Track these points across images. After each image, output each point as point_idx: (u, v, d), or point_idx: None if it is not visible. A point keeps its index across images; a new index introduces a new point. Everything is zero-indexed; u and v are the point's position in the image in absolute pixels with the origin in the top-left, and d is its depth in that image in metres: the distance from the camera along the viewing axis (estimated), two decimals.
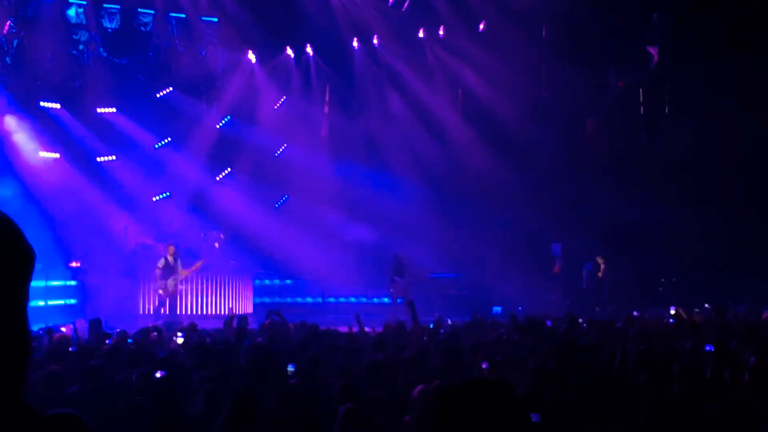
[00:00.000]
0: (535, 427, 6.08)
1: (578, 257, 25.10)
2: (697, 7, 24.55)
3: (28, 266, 1.74)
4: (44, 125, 22.85)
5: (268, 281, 25.39)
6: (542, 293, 23.08)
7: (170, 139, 25.16)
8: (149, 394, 7.24)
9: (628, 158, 26.80)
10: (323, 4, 25.62)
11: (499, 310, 22.02)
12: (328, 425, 6.00)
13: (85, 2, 23.62)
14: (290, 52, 26.55)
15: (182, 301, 20.96)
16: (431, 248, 24.62)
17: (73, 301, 21.02)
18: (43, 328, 12.32)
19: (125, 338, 11.82)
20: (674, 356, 8.99)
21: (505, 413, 2.32)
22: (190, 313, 21.03)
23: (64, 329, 13.20)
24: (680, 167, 24.93)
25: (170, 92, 24.98)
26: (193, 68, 24.96)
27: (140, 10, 24.52)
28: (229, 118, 26.17)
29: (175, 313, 19.55)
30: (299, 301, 25.34)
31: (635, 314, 16.67)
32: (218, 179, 26.14)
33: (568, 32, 25.22)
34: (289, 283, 25.84)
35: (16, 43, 22.53)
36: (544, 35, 26.75)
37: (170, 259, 19.80)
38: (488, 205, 25.24)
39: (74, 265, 21.39)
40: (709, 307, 17.55)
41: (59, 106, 23.23)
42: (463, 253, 25.30)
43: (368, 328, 13.41)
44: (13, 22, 22.33)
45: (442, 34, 27.08)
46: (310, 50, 26.72)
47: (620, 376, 8.17)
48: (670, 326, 13.91)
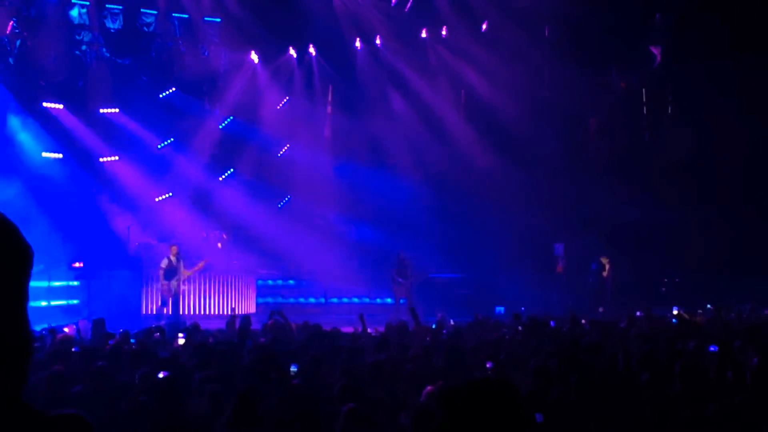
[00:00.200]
0: (537, 426, 6.08)
1: (581, 257, 25.08)
2: (699, 7, 24.53)
3: (26, 265, 1.73)
4: (47, 125, 22.88)
5: (270, 281, 25.38)
6: (545, 293, 23.07)
7: (173, 139, 25.18)
8: (152, 394, 7.24)
9: (630, 158, 26.78)
10: (326, 4, 25.60)
11: (501, 310, 22.00)
12: (330, 425, 6.01)
13: (87, 2, 23.61)
14: (293, 52, 26.55)
15: (185, 301, 20.98)
16: (434, 248, 24.62)
17: (75, 301, 21.03)
18: (45, 328, 12.32)
19: (128, 339, 11.83)
20: (677, 356, 8.99)
21: (509, 413, 2.32)
22: (192, 313, 21.04)
23: (66, 329, 13.20)
24: (683, 167, 24.92)
25: (173, 92, 25.00)
26: (195, 68, 24.97)
27: (143, 10, 24.52)
28: (231, 118, 26.17)
29: (177, 313, 19.56)
30: (302, 301, 25.31)
31: (638, 314, 16.65)
32: (221, 179, 26.15)
33: (570, 32, 25.19)
34: (291, 283, 25.82)
35: (19, 43, 22.54)
36: (546, 35, 26.75)
37: (173, 259, 19.81)
38: (490, 205, 25.22)
39: (77, 265, 21.39)
40: (711, 307, 17.56)
41: (62, 106, 23.27)
42: (465, 253, 25.30)
43: (371, 329, 13.40)
44: (15, 22, 22.34)
45: (444, 34, 27.08)
46: (312, 50, 26.72)
47: (623, 376, 8.16)
48: (673, 326, 13.91)
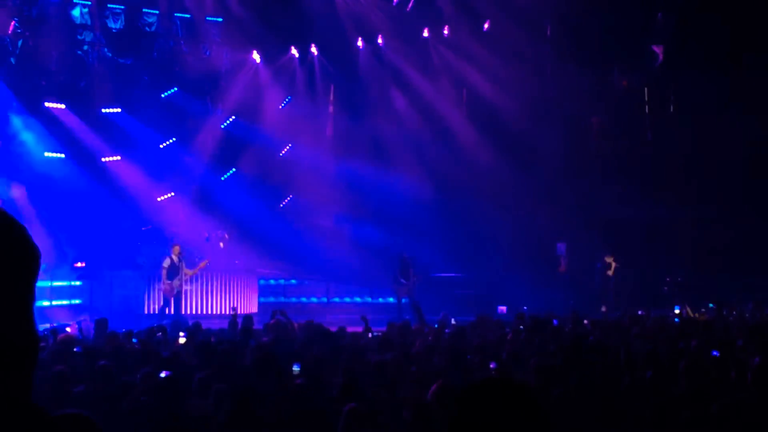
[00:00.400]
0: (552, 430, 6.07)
1: (583, 256, 25.07)
2: (700, 6, 24.52)
3: (33, 265, 1.73)
4: (49, 126, 22.88)
5: (273, 281, 25.40)
6: (547, 292, 23.05)
7: (175, 139, 25.19)
8: (153, 394, 7.25)
9: (632, 157, 26.76)
10: (328, 4, 25.59)
11: (504, 309, 22.00)
12: (332, 425, 6.00)
13: (89, 2, 23.61)
14: (295, 52, 26.54)
15: (187, 300, 21.00)
16: (436, 247, 24.63)
17: (78, 301, 21.05)
18: (48, 328, 12.33)
19: (130, 338, 11.84)
20: (679, 355, 8.98)
21: (525, 414, 2.30)
22: (194, 312, 21.07)
23: (69, 329, 13.22)
24: (684, 166, 24.92)
25: (175, 92, 25.00)
26: (197, 68, 24.96)
27: (145, 10, 24.52)
28: (233, 118, 26.17)
29: (180, 312, 19.57)
30: (304, 300, 25.34)
31: (640, 313, 16.66)
32: (223, 179, 26.16)
33: (572, 31, 25.18)
34: (294, 282, 25.84)
35: (20, 43, 22.53)
36: (548, 34, 26.73)
37: (175, 258, 19.82)
38: (493, 204, 25.21)
39: (79, 265, 21.41)
40: (713, 306, 17.56)
41: (64, 106, 23.26)
42: (468, 252, 25.31)
43: (371, 332, 13.38)
44: (17, 22, 22.33)
45: (446, 33, 27.06)
46: (314, 50, 26.72)
47: (625, 375, 8.16)
48: (675, 325, 13.91)
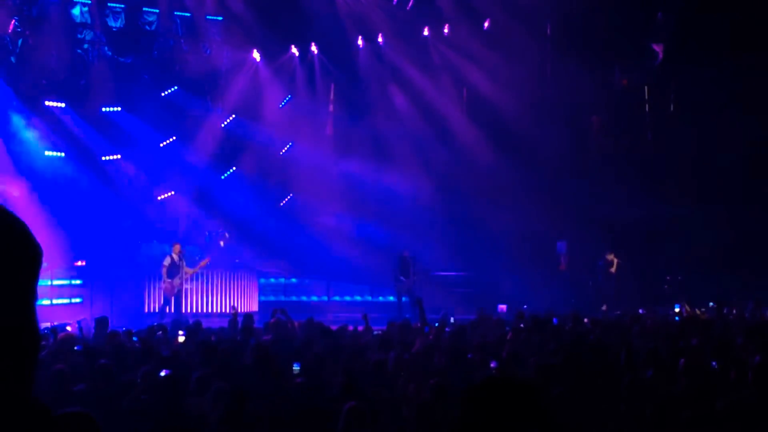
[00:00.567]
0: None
1: (583, 255, 25.07)
2: (701, 4, 24.49)
3: (35, 263, 1.74)
4: (49, 124, 22.87)
5: (273, 279, 25.40)
6: (547, 291, 23.04)
7: (175, 137, 25.18)
8: (154, 392, 7.25)
9: (632, 156, 26.74)
10: (328, 2, 25.57)
11: (504, 308, 22.00)
12: (332, 424, 6.00)
13: (89, 1, 23.61)
14: (295, 50, 26.53)
15: (187, 299, 21.00)
16: (437, 246, 24.61)
17: (78, 300, 21.04)
18: (48, 327, 12.33)
19: (130, 337, 11.84)
20: (679, 354, 8.98)
21: (528, 412, 2.31)
22: (195, 311, 21.07)
23: (69, 328, 13.22)
24: (685, 165, 24.90)
25: (175, 91, 25.00)
26: (197, 67, 24.95)
27: (145, 9, 24.53)
28: (233, 116, 26.17)
29: (180, 311, 19.58)
30: (304, 299, 25.33)
31: (641, 312, 16.66)
32: (223, 178, 26.16)
33: (572, 30, 25.13)
34: (294, 281, 25.84)
35: (20, 42, 22.53)
36: (548, 33, 26.71)
37: (175, 257, 19.83)
38: (493, 202, 25.19)
39: (79, 264, 21.40)
40: (713, 305, 17.55)
41: (64, 105, 23.27)
42: (468, 250, 25.29)
43: (371, 331, 13.39)
44: (17, 21, 22.34)
45: (446, 32, 27.04)
46: (314, 49, 26.71)
47: (626, 373, 8.15)
48: (675, 324, 13.91)
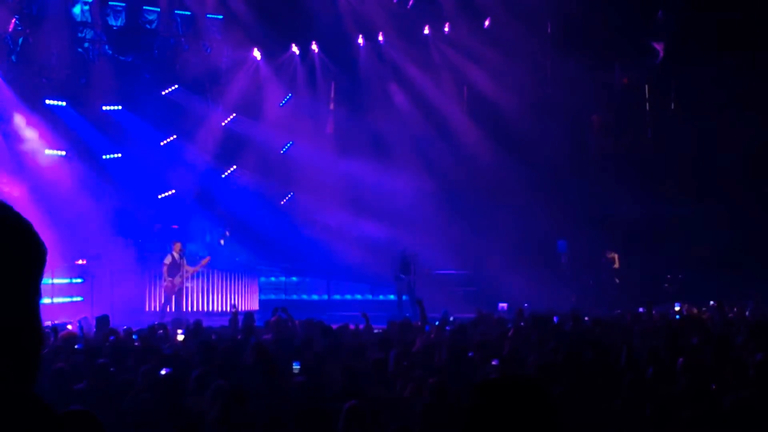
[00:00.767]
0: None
1: (584, 254, 25.07)
2: (701, 4, 24.48)
3: (40, 262, 1.75)
4: (50, 123, 22.87)
5: (273, 278, 25.40)
6: (548, 290, 23.03)
7: (176, 136, 25.18)
8: (155, 391, 7.25)
9: (633, 155, 26.74)
10: (329, 1, 25.58)
11: (504, 306, 21.99)
12: (332, 423, 6.00)
13: (90, 0, 23.63)
14: (295, 49, 26.53)
15: (188, 298, 21.00)
16: (437, 245, 24.58)
17: (79, 298, 21.04)
18: (49, 325, 12.32)
19: (131, 336, 11.85)
20: (680, 353, 8.98)
21: (537, 411, 2.31)
22: (195, 310, 21.07)
23: (70, 326, 13.22)
24: (686, 163, 24.90)
25: (176, 90, 24.99)
26: (198, 66, 24.97)
27: (145, 7, 24.55)
28: (234, 115, 26.16)
29: (180, 310, 19.57)
30: (305, 298, 25.33)
31: (641, 311, 16.64)
32: (224, 176, 26.15)
33: (572, 28, 25.13)
34: (294, 280, 25.84)
35: (21, 41, 22.54)
36: (549, 31, 26.71)
37: (176, 256, 19.83)
38: (494, 201, 25.20)
39: (80, 262, 21.40)
40: (714, 304, 17.53)
41: (65, 103, 23.26)
42: (469, 249, 25.29)
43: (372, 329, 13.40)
44: (18, 19, 22.34)
45: (447, 30, 27.05)
46: (315, 47, 26.70)
47: (626, 372, 8.16)
48: (676, 322, 13.91)
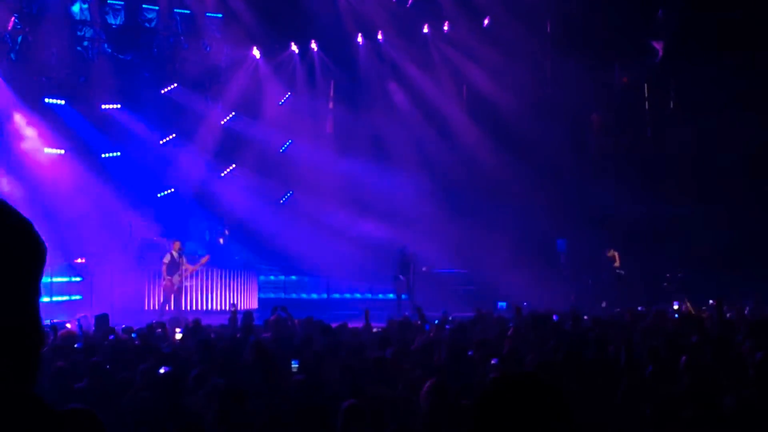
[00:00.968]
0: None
1: (583, 252, 25.06)
2: (701, 3, 24.48)
3: (40, 260, 1.75)
4: (49, 121, 22.85)
5: (273, 277, 25.40)
6: (547, 289, 23.02)
7: (175, 135, 25.17)
8: (154, 390, 7.24)
9: (632, 154, 26.74)
10: (328, 0, 25.58)
11: (504, 305, 21.99)
12: (331, 422, 5.99)
13: None
14: (295, 48, 26.53)
15: (187, 296, 20.99)
16: (436, 244, 24.59)
17: (78, 297, 21.02)
18: (48, 324, 12.31)
19: (130, 334, 11.84)
20: (679, 352, 8.98)
21: (552, 411, 2.27)
22: (194, 308, 21.06)
23: (69, 325, 13.22)
24: (685, 163, 24.89)
25: (175, 88, 24.98)
26: (197, 64, 24.98)
27: (145, 6, 24.55)
28: (233, 114, 26.16)
29: (180, 308, 19.56)
30: (304, 297, 25.34)
31: (640, 309, 16.64)
32: (223, 175, 26.15)
33: (572, 27, 25.14)
34: (294, 279, 25.84)
35: (20, 39, 22.51)
36: (548, 31, 26.70)
37: (175, 255, 19.82)
38: (493, 200, 25.20)
39: (79, 261, 21.39)
40: (713, 303, 17.52)
41: (64, 102, 23.25)
42: (468, 248, 25.27)
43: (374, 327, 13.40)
44: (17, 18, 22.32)
45: (446, 29, 27.05)
46: (314, 46, 26.70)
47: (626, 371, 8.15)
48: (674, 321, 13.91)
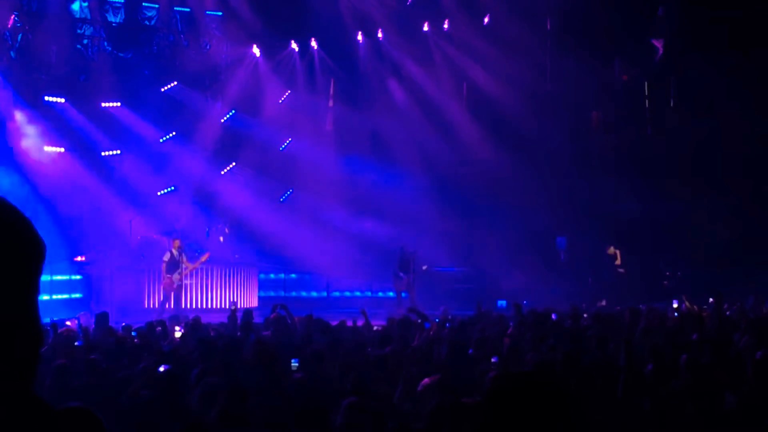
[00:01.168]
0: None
1: (583, 250, 25.06)
2: (702, 0, 24.47)
3: (38, 258, 1.75)
4: (49, 120, 22.85)
5: (273, 275, 25.40)
6: (547, 287, 23.03)
7: (175, 133, 25.17)
8: (153, 388, 7.25)
9: (632, 151, 26.71)
10: None
11: (503, 303, 22.00)
12: (332, 419, 5.99)
13: None
14: (295, 46, 26.52)
15: (187, 294, 20.99)
16: (436, 242, 24.59)
17: (78, 295, 21.04)
18: (47, 322, 12.31)
19: (129, 332, 11.85)
20: (680, 349, 8.98)
21: (558, 411, 2.26)
22: (194, 306, 21.06)
23: (68, 323, 13.22)
24: (685, 160, 24.87)
25: (175, 86, 24.97)
26: (197, 62, 24.97)
27: (144, 4, 24.55)
28: (233, 112, 26.16)
29: (179, 306, 19.56)
30: (304, 295, 25.35)
31: (640, 307, 16.63)
32: (223, 173, 26.15)
33: (572, 25, 25.13)
34: (294, 277, 25.84)
35: (20, 37, 22.51)
36: (548, 28, 26.68)
37: (175, 253, 19.83)
38: (493, 198, 25.19)
39: (79, 259, 21.39)
40: (713, 301, 17.51)
41: (64, 100, 23.24)
42: (468, 246, 25.29)
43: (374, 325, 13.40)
44: (17, 16, 22.32)
45: (446, 27, 27.04)
46: (314, 44, 26.69)
47: (626, 369, 8.15)
48: (674, 319, 13.91)
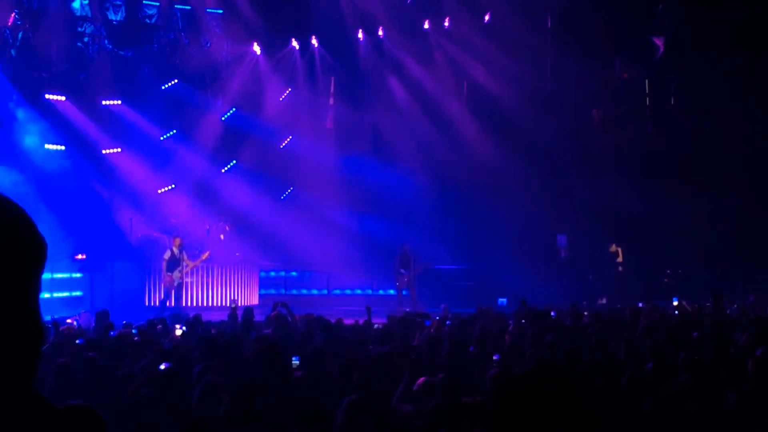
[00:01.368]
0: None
1: (584, 248, 25.07)
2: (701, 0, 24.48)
3: (40, 256, 1.76)
4: (49, 118, 22.84)
5: (273, 273, 25.39)
6: (548, 284, 23.03)
7: (175, 131, 25.16)
8: (154, 386, 7.26)
9: (633, 149, 26.71)
10: None
11: (504, 301, 22.01)
12: (332, 417, 6.00)
13: None
14: (295, 43, 26.49)
15: (187, 292, 21.00)
16: (437, 239, 24.60)
17: (78, 293, 21.05)
18: (48, 320, 12.33)
19: (130, 330, 11.86)
20: (680, 347, 8.99)
21: (574, 409, 2.21)
22: (195, 304, 21.07)
23: (69, 321, 13.25)
24: (686, 158, 24.89)
25: (175, 84, 24.95)
26: (198, 60, 24.94)
27: (145, 2, 24.50)
28: (234, 110, 26.15)
29: (180, 304, 19.57)
30: (305, 293, 25.34)
31: (640, 305, 16.65)
32: (223, 171, 26.15)
33: (573, 23, 25.12)
34: (294, 275, 25.84)
35: (21, 35, 22.48)
36: (549, 26, 26.66)
37: (176, 251, 19.84)
38: (494, 196, 25.20)
39: (80, 257, 21.40)
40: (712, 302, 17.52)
41: (64, 98, 23.22)
42: (468, 244, 25.30)
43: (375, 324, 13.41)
44: (17, 14, 22.30)
45: (447, 25, 27.03)
46: (315, 42, 26.67)
47: (626, 368, 8.16)
48: (674, 318, 13.93)
